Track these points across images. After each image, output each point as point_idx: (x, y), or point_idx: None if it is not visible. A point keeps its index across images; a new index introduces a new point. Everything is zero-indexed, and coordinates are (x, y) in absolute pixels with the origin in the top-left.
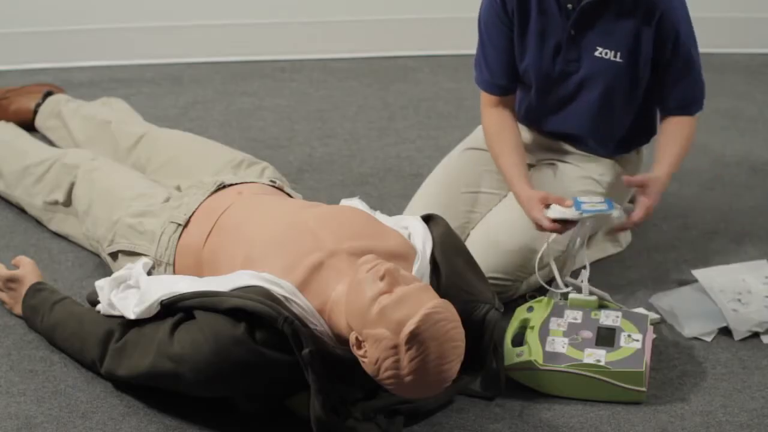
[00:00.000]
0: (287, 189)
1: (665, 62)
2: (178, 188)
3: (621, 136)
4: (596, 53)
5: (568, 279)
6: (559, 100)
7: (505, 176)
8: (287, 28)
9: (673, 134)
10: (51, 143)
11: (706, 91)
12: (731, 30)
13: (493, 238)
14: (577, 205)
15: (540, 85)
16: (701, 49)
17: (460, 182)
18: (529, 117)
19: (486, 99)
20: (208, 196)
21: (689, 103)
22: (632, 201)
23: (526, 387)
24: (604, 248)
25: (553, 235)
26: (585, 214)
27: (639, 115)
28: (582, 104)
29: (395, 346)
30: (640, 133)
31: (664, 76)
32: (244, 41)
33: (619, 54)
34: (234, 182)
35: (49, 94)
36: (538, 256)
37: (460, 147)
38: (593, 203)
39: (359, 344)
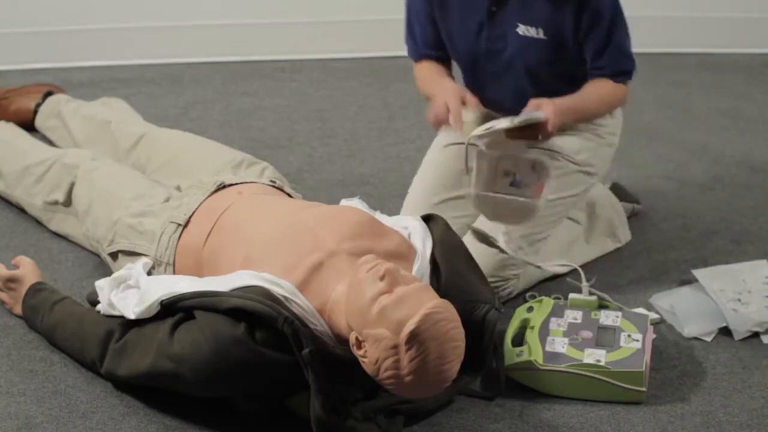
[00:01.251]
0: (287, 189)
1: (585, 33)
2: (178, 188)
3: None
4: (518, 30)
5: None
6: (489, 76)
7: (428, 82)
8: (287, 28)
9: (587, 87)
10: (51, 143)
11: (635, 61)
12: (731, 30)
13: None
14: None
15: (468, 62)
16: (701, 49)
17: (445, 188)
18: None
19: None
20: (208, 196)
21: (615, 74)
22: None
23: (526, 387)
24: (603, 244)
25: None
26: (516, 121)
27: (580, 80)
28: (512, 81)
29: (395, 346)
30: None
31: (587, 47)
32: (244, 41)
33: (541, 30)
34: (234, 182)
35: (49, 94)
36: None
37: (436, 145)
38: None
39: (359, 344)
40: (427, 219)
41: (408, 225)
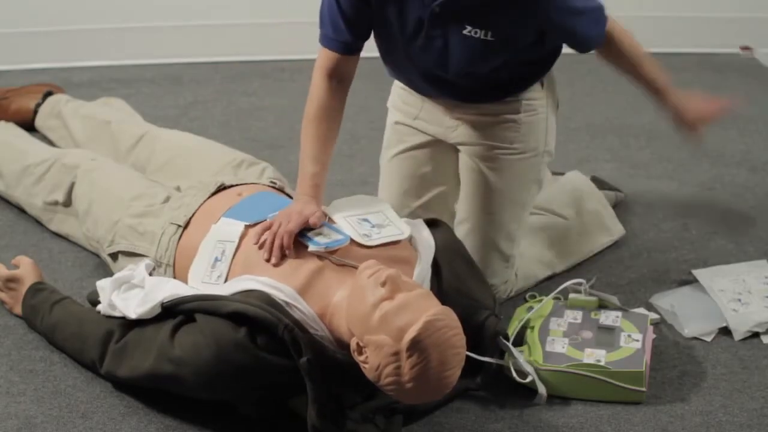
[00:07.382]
0: (287, 189)
1: (545, 32)
2: (178, 188)
3: (503, 83)
4: (465, 31)
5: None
6: (424, 63)
7: (300, 164)
8: (287, 28)
9: (620, 50)
10: (51, 143)
11: (603, 26)
12: (731, 30)
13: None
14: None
15: (403, 50)
16: (700, 49)
17: (410, 197)
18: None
19: (324, 60)
20: (209, 197)
21: (599, 35)
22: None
23: (526, 387)
24: (597, 237)
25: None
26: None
27: (525, 62)
28: (447, 67)
29: (396, 353)
30: (532, 73)
31: (553, 42)
32: (244, 41)
33: (490, 33)
34: (234, 183)
35: (49, 94)
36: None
37: (385, 156)
38: (325, 235)
39: (360, 350)
40: (430, 223)
41: (410, 229)
